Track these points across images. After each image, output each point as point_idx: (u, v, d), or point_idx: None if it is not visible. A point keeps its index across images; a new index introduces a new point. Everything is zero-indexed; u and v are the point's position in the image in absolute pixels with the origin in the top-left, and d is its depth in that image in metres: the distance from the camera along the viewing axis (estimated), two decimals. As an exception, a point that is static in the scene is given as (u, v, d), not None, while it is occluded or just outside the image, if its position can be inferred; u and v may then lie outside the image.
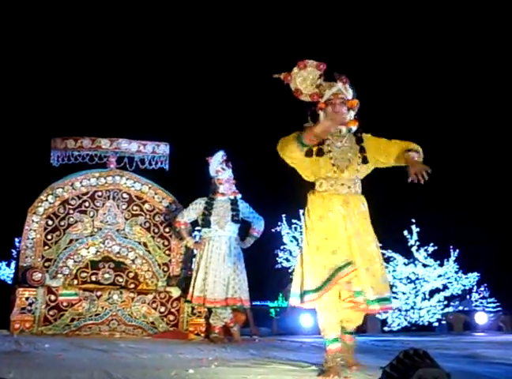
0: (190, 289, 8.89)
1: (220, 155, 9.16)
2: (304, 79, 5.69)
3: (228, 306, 8.86)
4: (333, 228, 5.46)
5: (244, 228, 9.30)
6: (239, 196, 9.14)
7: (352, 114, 5.66)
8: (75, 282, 9.73)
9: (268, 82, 5.73)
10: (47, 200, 9.82)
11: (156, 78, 20.59)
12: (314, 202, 5.58)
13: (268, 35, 20.37)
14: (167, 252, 10.10)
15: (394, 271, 17.43)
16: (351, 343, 5.81)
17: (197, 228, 10.09)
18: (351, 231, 5.48)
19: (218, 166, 9.10)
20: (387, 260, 17.36)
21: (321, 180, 5.56)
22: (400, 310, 16.99)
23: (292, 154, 5.49)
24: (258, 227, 9.27)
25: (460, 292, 17.90)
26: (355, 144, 5.61)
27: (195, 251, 9.37)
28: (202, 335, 9.31)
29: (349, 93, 5.64)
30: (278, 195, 20.39)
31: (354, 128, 5.63)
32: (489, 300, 18.40)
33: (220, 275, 8.75)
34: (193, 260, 9.47)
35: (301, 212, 19.55)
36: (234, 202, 9.02)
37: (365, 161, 5.57)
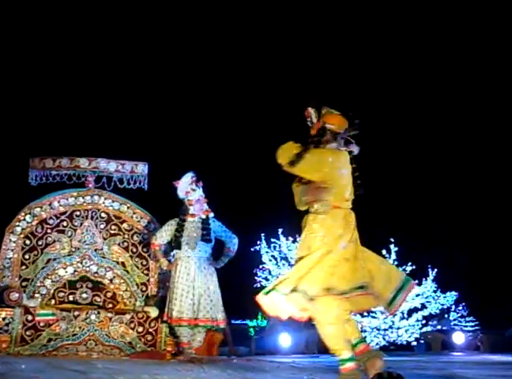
0: (166, 309, 8.90)
1: (189, 177, 9.18)
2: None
3: (199, 327, 8.84)
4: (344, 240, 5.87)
5: (220, 248, 9.30)
6: (211, 214, 9.14)
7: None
8: (52, 302, 9.67)
9: (246, 103, 5.80)
10: (24, 219, 9.78)
11: (135, 99, 20.58)
12: (324, 221, 5.89)
13: (239, 63, 20.45)
14: (146, 271, 10.08)
15: (373, 290, 17.44)
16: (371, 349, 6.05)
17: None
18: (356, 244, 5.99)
19: (188, 187, 9.11)
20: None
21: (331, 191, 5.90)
22: (378, 329, 17.00)
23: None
24: (232, 245, 9.26)
25: (438, 311, 17.94)
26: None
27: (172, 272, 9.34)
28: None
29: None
30: (257, 214, 20.43)
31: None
32: (467, 319, 18.45)
33: (188, 295, 8.73)
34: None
35: (280, 231, 19.75)
36: (204, 221, 9.01)
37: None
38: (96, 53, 20.79)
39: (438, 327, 17.20)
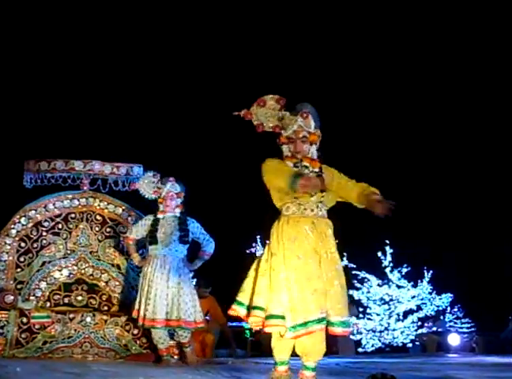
0: (137, 309, 8.69)
1: (149, 177, 9.11)
2: (265, 114, 5.77)
3: (170, 327, 8.73)
4: (304, 249, 5.49)
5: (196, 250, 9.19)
6: (183, 213, 8.98)
7: (314, 148, 5.75)
8: (48, 304, 9.67)
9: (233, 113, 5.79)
10: (19, 222, 9.77)
11: (130, 103, 20.59)
12: (282, 226, 5.60)
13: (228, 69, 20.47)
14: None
15: (368, 292, 17.47)
16: None
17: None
18: (321, 252, 5.53)
19: (154, 187, 9.05)
20: (361, 281, 17.42)
21: (288, 204, 5.61)
22: (374, 331, 17.01)
23: (277, 185, 5.60)
24: (208, 249, 9.11)
25: (433, 313, 17.96)
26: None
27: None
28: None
29: (310, 126, 5.69)
30: (252, 216, 20.42)
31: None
32: (463, 321, 18.47)
33: (161, 295, 8.57)
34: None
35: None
36: (182, 222, 8.86)
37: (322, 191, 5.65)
38: (92, 56, 20.81)
39: (434, 329, 17.21)
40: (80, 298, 9.85)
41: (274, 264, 5.52)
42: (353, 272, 17.79)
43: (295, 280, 5.40)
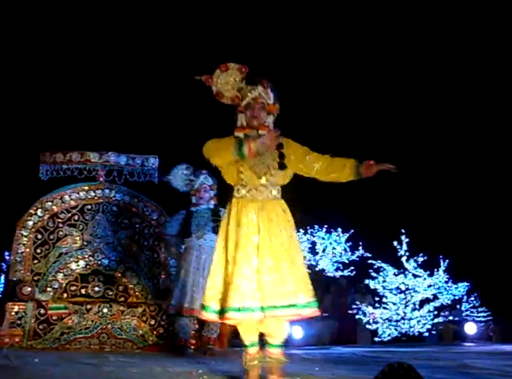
0: (174, 300, 8.71)
1: (183, 169, 9.11)
2: (226, 82, 5.63)
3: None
4: (246, 236, 5.35)
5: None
6: (217, 205, 9.01)
7: (271, 118, 5.60)
8: (64, 295, 9.73)
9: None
10: (36, 213, 9.83)
11: (145, 93, 20.59)
12: (231, 209, 5.48)
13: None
14: (157, 265, 10.11)
15: (384, 281, 17.40)
16: (277, 357, 5.58)
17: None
18: (263, 238, 5.36)
19: (186, 180, 9.05)
20: (377, 270, 17.39)
21: (238, 186, 5.49)
22: (390, 321, 16.97)
23: (225, 161, 5.48)
24: None
25: (450, 302, 17.90)
26: (274, 150, 5.50)
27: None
28: (192, 347, 9.28)
29: (270, 98, 5.56)
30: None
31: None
32: (479, 309, 18.41)
33: (199, 285, 8.53)
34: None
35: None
36: (216, 213, 8.87)
37: (282, 167, 5.46)
38: (106, 49, 20.80)
39: (450, 317, 17.17)
40: (96, 288, 9.90)
41: (223, 251, 5.43)
42: (369, 262, 17.76)
43: (231, 266, 5.29)
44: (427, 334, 16.80)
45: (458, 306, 17.79)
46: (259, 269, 5.28)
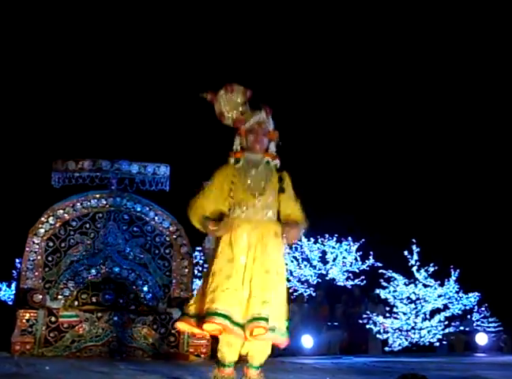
0: None
1: None
2: (229, 103, 5.65)
3: None
4: (237, 256, 5.37)
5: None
6: None
7: (273, 145, 5.63)
8: (75, 303, 9.73)
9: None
10: (47, 221, 9.85)
11: (157, 102, 20.64)
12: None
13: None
14: (168, 273, 10.12)
15: (395, 291, 17.35)
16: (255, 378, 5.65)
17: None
18: (252, 259, 5.38)
19: None
20: (388, 280, 17.34)
21: (235, 206, 5.48)
22: (401, 330, 16.91)
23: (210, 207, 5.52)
24: None
25: (460, 312, 17.82)
26: (269, 174, 5.55)
27: None
28: (203, 356, 9.28)
29: (270, 124, 5.62)
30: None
31: (271, 161, 5.59)
32: (490, 320, 18.33)
33: None
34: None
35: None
36: None
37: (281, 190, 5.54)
38: (118, 58, 20.88)
39: (461, 328, 17.10)
40: (107, 297, 9.90)
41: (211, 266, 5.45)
42: (380, 271, 17.72)
43: (218, 281, 5.29)
44: (437, 344, 16.71)
45: (469, 317, 17.70)
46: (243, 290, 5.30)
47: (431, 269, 17.55)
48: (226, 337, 5.37)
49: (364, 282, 19.09)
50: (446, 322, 17.27)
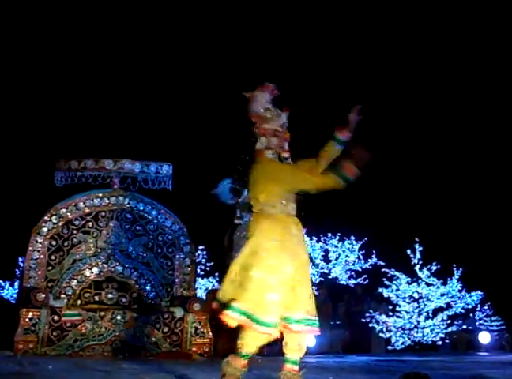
0: None
1: (229, 183, 9.14)
2: (260, 100, 5.72)
3: None
4: (289, 250, 5.40)
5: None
6: None
7: (286, 145, 5.72)
8: (78, 302, 9.75)
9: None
10: (50, 220, 9.86)
11: (159, 101, 20.64)
12: (267, 224, 5.47)
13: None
14: (171, 272, 10.13)
15: (397, 290, 17.35)
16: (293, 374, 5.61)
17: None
18: (296, 253, 5.44)
19: (232, 192, 9.10)
20: (390, 278, 17.34)
21: (274, 203, 5.50)
22: (403, 329, 16.91)
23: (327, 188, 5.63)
24: None
25: (463, 311, 17.82)
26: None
27: None
28: (205, 355, 9.28)
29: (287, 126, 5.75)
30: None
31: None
32: (493, 319, 18.33)
33: None
34: None
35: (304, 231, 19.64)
36: None
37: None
38: (121, 58, 20.88)
39: (464, 326, 17.10)
40: (110, 296, 9.91)
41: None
42: (382, 270, 17.72)
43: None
44: (440, 343, 16.72)
45: (472, 315, 17.71)
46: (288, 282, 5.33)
47: (434, 268, 17.55)
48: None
49: (367, 280, 19.09)
50: (449, 321, 17.27)
